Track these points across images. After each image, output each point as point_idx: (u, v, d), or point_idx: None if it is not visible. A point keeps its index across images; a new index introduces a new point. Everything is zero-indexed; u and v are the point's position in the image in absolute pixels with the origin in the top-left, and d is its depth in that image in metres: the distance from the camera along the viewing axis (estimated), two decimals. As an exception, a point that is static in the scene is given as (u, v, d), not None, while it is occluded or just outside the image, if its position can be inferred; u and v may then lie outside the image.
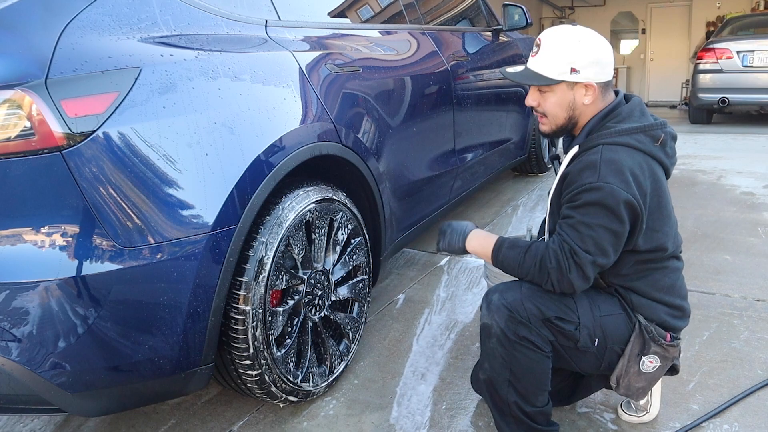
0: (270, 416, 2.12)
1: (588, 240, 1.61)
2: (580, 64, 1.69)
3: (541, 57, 1.73)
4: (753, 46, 8.38)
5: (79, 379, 1.59)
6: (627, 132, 1.68)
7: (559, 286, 1.66)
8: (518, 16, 4.20)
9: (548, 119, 1.79)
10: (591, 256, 1.62)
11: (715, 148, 6.89)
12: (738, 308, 2.76)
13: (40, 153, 1.48)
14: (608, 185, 1.59)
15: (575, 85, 1.72)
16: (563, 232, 1.65)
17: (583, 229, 1.62)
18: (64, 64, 1.51)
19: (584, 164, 1.65)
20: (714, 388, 2.15)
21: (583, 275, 1.63)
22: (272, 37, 2.13)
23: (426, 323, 2.74)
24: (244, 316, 1.82)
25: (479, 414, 2.08)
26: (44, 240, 1.52)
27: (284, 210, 1.95)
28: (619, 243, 1.64)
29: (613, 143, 1.66)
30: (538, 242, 1.73)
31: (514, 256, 1.73)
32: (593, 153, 1.66)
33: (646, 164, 1.66)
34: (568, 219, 1.65)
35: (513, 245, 1.76)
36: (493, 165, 4.11)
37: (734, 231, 3.86)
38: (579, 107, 1.74)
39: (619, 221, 1.61)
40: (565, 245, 1.64)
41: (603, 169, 1.61)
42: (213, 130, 1.73)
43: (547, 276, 1.66)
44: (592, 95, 1.73)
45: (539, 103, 1.79)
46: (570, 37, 1.71)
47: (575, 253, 1.62)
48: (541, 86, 1.75)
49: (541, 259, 1.67)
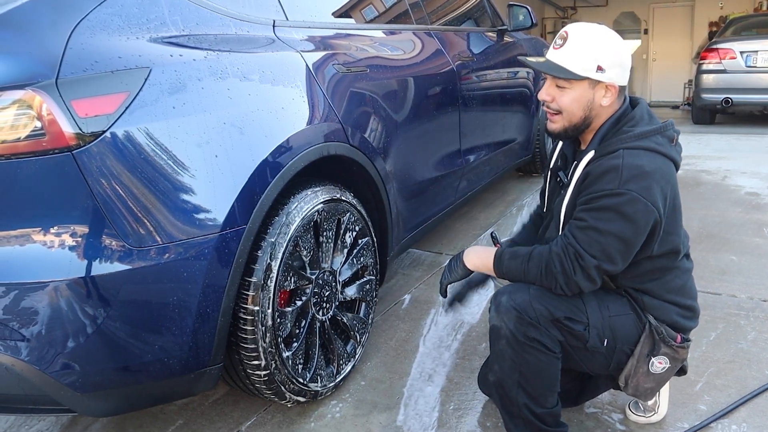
0: (278, 416, 2.12)
1: (595, 245, 1.60)
2: (606, 63, 1.66)
3: (568, 50, 1.67)
4: (756, 47, 8.37)
5: (88, 379, 1.59)
6: (646, 135, 1.66)
7: (569, 288, 1.65)
8: (523, 17, 4.20)
9: (562, 116, 1.73)
10: (596, 260, 1.61)
11: (718, 149, 6.88)
12: (745, 309, 2.75)
13: (51, 153, 1.48)
14: (629, 192, 1.57)
15: (597, 84, 1.68)
16: (570, 234, 1.64)
17: (593, 234, 1.60)
18: (75, 64, 1.51)
19: (606, 168, 1.61)
20: (722, 389, 2.15)
21: (589, 277, 1.63)
22: (280, 37, 2.13)
23: (432, 324, 2.74)
24: (253, 317, 1.82)
25: (487, 414, 2.07)
26: (54, 240, 1.52)
27: (293, 210, 1.95)
28: (629, 251, 1.63)
29: (635, 147, 1.63)
30: (538, 248, 1.72)
31: (516, 267, 1.73)
32: (614, 157, 1.62)
33: (666, 167, 1.65)
34: (579, 222, 1.64)
35: (513, 256, 1.75)
36: (498, 165, 4.10)
37: (740, 231, 3.86)
38: (596, 108, 1.71)
39: (633, 230, 1.59)
40: (569, 248, 1.63)
41: (625, 174, 1.58)
42: (222, 130, 1.73)
43: (555, 281, 1.65)
44: (611, 97, 1.70)
45: (554, 99, 1.73)
46: (599, 34, 1.68)
47: (580, 256, 1.61)
48: (560, 81, 1.70)
49: (546, 265, 1.66)
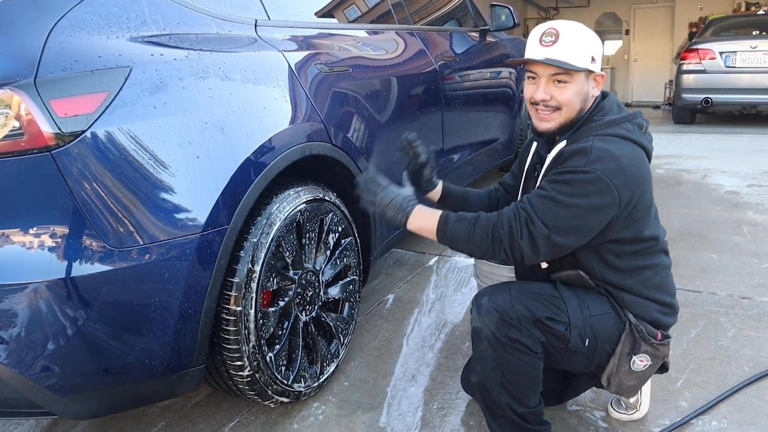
0: (261, 417, 2.11)
1: (548, 214, 1.59)
2: (596, 54, 1.71)
3: (562, 45, 1.68)
4: (735, 47, 8.49)
5: (68, 381, 1.57)
6: (615, 122, 1.69)
7: (512, 253, 1.63)
8: (505, 17, 4.22)
9: (560, 113, 1.73)
10: (546, 229, 1.59)
11: (699, 148, 6.96)
12: (725, 306, 2.79)
13: (30, 153, 1.46)
14: (594, 171, 1.58)
15: (590, 75, 1.72)
16: (527, 200, 1.64)
17: (549, 204, 1.60)
18: (54, 63, 1.49)
19: (575, 149, 1.63)
20: (702, 385, 2.17)
21: (534, 245, 1.61)
22: (262, 37, 2.12)
23: (416, 323, 2.74)
24: (235, 317, 1.81)
25: (470, 413, 2.08)
26: (33, 241, 1.50)
27: (275, 210, 1.94)
28: (580, 229, 1.61)
29: (604, 134, 1.66)
30: (486, 214, 1.70)
31: (462, 228, 1.69)
32: (584, 141, 1.65)
33: (635, 153, 1.66)
34: (539, 190, 1.64)
35: (460, 218, 1.72)
36: (480, 165, 4.12)
37: (720, 230, 3.90)
38: (588, 100, 1.75)
39: (589, 207, 1.59)
40: (521, 212, 1.62)
41: (594, 154, 1.60)
42: (204, 130, 1.72)
43: (499, 244, 1.63)
44: (599, 87, 1.75)
45: (552, 96, 1.72)
46: (585, 29, 1.72)
47: (531, 221, 1.60)
48: (561, 76, 1.70)
49: (494, 227, 1.64)
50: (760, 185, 5.02)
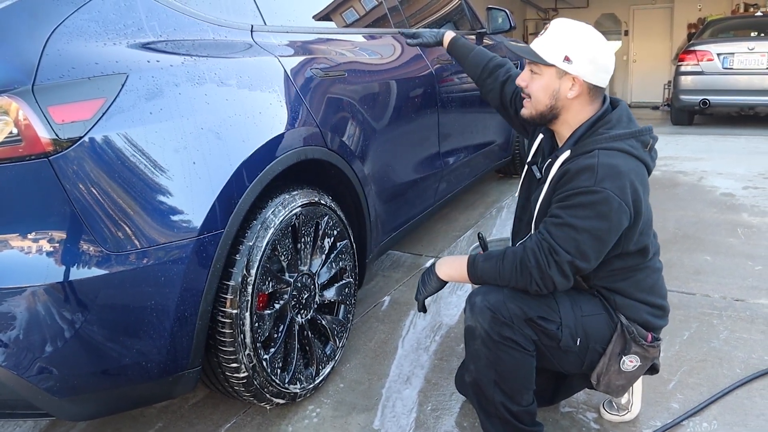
0: (257, 419, 2.13)
1: (570, 242, 1.63)
2: (574, 55, 1.70)
3: (543, 39, 1.75)
4: (733, 49, 8.49)
5: (66, 383, 1.60)
6: (621, 137, 1.69)
7: (543, 284, 1.66)
8: (502, 20, 4.24)
9: (531, 102, 1.80)
10: (570, 256, 1.63)
11: (696, 150, 6.98)
12: (718, 308, 2.81)
13: (27, 159, 1.49)
14: (604, 191, 1.60)
15: (564, 75, 1.73)
16: (545, 230, 1.67)
17: (568, 231, 1.63)
18: (51, 70, 1.52)
19: (582, 167, 1.65)
20: (694, 387, 2.19)
21: (562, 273, 1.65)
22: (258, 42, 2.14)
23: (411, 325, 2.76)
24: (231, 320, 1.83)
25: (464, 414, 2.10)
26: (31, 246, 1.52)
27: (270, 214, 1.96)
28: (602, 249, 1.66)
29: (610, 148, 1.67)
30: (511, 248, 1.75)
31: (491, 267, 1.74)
32: (590, 157, 1.66)
33: (639, 169, 1.68)
34: (554, 218, 1.67)
35: (487, 257, 1.77)
36: (477, 167, 4.14)
37: (714, 232, 3.92)
38: (562, 99, 1.75)
39: (607, 228, 1.62)
40: (544, 243, 1.65)
41: (600, 172, 1.61)
42: (200, 135, 1.74)
43: (530, 277, 1.67)
44: (577, 90, 1.73)
45: (527, 84, 1.80)
46: (576, 29, 1.73)
47: (554, 251, 1.63)
48: (533, 67, 1.77)
49: (521, 261, 1.68)
50: (756, 187, 5.04)
